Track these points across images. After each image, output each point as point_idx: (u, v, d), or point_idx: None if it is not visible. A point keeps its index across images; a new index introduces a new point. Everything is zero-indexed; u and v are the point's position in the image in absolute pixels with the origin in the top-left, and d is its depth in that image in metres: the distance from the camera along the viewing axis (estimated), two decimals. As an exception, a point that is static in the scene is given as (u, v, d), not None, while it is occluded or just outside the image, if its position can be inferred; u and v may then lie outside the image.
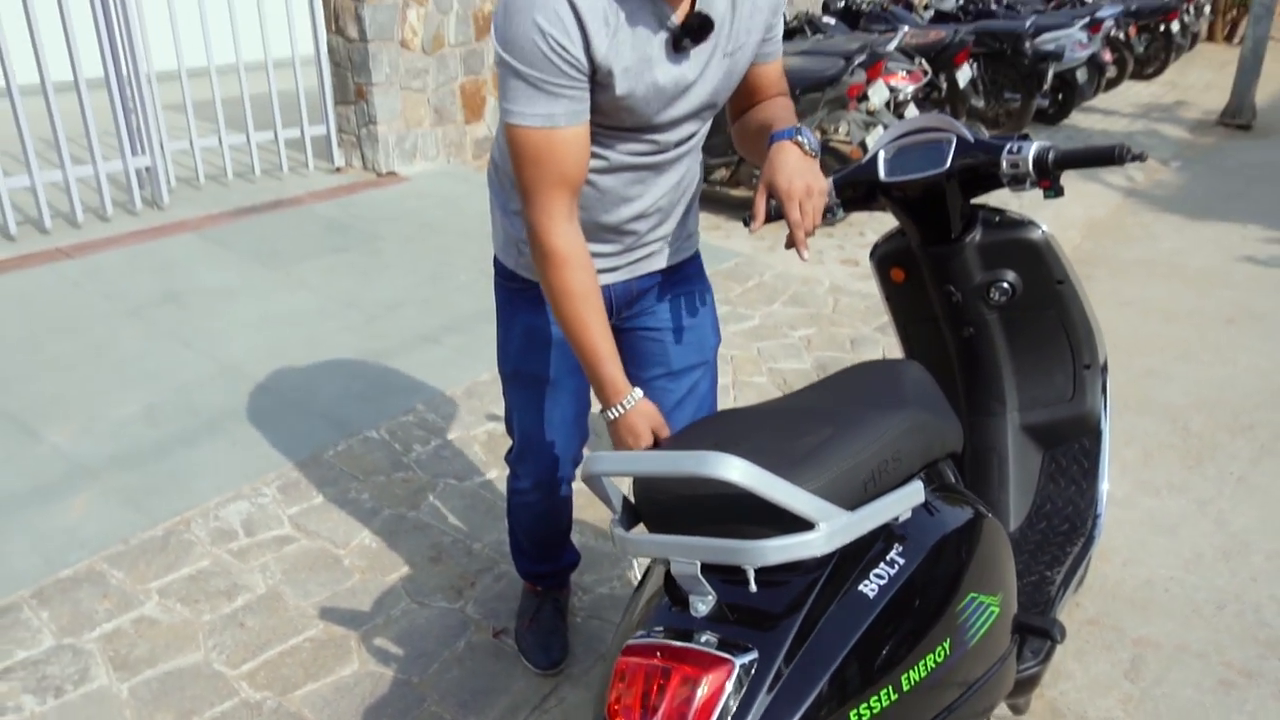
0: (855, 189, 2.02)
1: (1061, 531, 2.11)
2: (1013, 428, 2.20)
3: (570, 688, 2.16)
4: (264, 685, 2.12)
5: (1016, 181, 1.89)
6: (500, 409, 3.17)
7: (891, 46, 5.90)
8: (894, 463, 1.38)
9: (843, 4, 7.91)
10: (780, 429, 1.42)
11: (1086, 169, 2.01)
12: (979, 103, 6.87)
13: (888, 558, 1.33)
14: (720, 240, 5.07)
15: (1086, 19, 8.19)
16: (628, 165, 1.60)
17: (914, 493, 1.37)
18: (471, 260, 4.42)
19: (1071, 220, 5.79)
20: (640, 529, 1.38)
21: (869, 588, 1.29)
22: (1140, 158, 1.82)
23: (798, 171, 1.52)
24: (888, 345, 3.86)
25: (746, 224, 1.67)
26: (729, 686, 1.17)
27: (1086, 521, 2.11)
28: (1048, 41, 7.95)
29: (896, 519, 1.36)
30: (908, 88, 6.04)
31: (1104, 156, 1.79)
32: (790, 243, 1.53)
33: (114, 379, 3.23)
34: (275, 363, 3.40)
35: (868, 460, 1.33)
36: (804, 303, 4.30)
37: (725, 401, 3.25)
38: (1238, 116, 8.46)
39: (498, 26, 1.42)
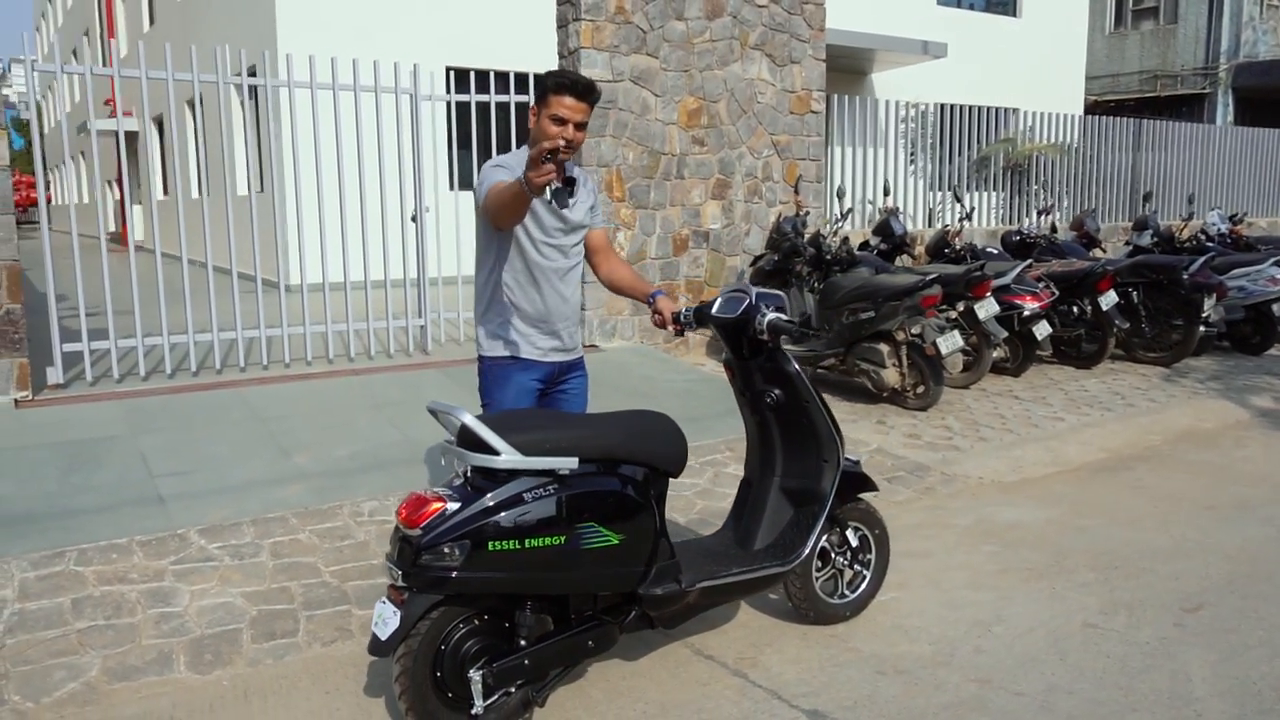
0: (700, 316, 3.34)
1: (776, 557, 3.22)
2: (776, 488, 3.39)
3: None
4: (350, 577, 3.76)
5: (759, 333, 3.19)
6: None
7: (1011, 275, 7.00)
8: (576, 449, 2.76)
9: (1018, 238, 8.93)
10: (541, 422, 2.87)
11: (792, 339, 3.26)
12: (1124, 324, 7.55)
13: (547, 486, 2.71)
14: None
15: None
16: (550, 267, 3.21)
17: (568, 462, 2.74)
18: (621, 402, 6.06)
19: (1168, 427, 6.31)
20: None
21: (528, 495, 2.68)
22: (814, 335, 3.07)
23: (667, 304, 3.20)
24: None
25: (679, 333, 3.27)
26: (441, 510, 2.62)
27: (789, 556, 3.22)
28: (1238, 276, 8.42)
29: (558, 470, 2.72)
30: (1032, 306, 7.02)
31: (797, 336, 3.08)
32: (663, 324, 3.19)
33: (344, 438, 5.21)
34: (438, 441, 5.22)
35: (555, 442, 2.73)
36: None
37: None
38: None
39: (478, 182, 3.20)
